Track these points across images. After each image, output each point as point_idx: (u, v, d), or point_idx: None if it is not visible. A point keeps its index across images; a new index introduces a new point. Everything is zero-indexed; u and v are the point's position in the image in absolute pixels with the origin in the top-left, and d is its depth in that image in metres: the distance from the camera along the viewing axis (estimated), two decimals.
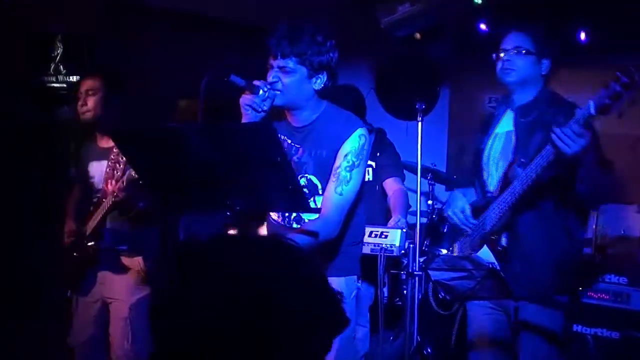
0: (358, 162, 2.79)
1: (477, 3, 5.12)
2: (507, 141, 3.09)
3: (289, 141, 2.94)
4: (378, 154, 4.48)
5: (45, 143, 5.19)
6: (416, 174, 4.02)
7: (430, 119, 6.45)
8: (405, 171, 5.25)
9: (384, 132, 4.68)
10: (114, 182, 3.42)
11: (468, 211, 3.15)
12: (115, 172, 3.44)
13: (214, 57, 5.57)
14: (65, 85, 5.04)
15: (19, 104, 5.24)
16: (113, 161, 3.52)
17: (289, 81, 2.78)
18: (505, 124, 3.16)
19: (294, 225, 2.94)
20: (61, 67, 5.05)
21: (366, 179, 4.43)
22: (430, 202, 5.56)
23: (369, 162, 4.43)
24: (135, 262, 3.67)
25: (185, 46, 5.33)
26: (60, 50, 5.05)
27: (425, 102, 4.03)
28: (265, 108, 2.76)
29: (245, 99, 2.76)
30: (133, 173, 3.29)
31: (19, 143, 5.25)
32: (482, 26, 6.11)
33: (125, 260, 3.66)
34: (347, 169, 2.77)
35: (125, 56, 5.04)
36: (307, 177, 2.90)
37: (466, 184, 3.38)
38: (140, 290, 3.65)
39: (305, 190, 2.82)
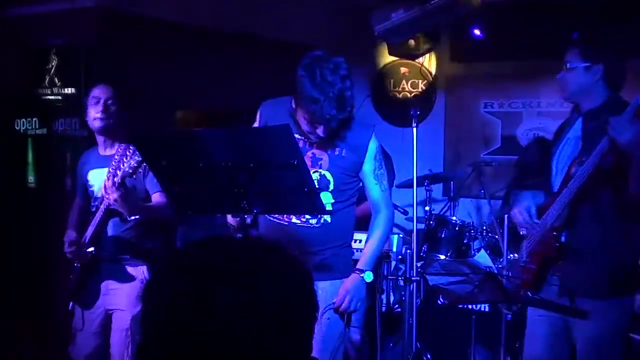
0: (381, 156, 3.13)
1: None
2: (575, 145, 3.17)
3: (304, 139, 3.03)
4: None
5: (43, 155, 5.19)
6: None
7: (426, 125, 6.50)
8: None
9: None
10: (109, 182, 3.40)
11: (533, 210, 3.20)
12: (114, 178, 3.42)
13: (209, 69, 5.59)
14: (60, 98, 5.04)
15: (14, 116, 5.25)
16: (114, 168, 3.50)
17: None
18: (577, 130, 3.23)
19: (293, 221, 3.00)
20: (56, 79, 5.06)
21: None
22: (427, 207, 5.57)
23: None
24: (139, 271, 3.66)
25: (181, 58, 5.34)
26: (55, 63, 5.06)
27: (421, 109, 4.05)
28: None
29: None
30: (128, 169, 3.31)
31: (16, 155, 5.26)
32: (477, 32, 6.13)
33: (130, 269, 3.65)
34: (379, 167, 3.10)
35: (121, 67, 5.05)
36: (320, 172, 3.00)
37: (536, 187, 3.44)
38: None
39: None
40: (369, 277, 2.99)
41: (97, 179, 3.66)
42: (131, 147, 3.49)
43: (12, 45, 5.17)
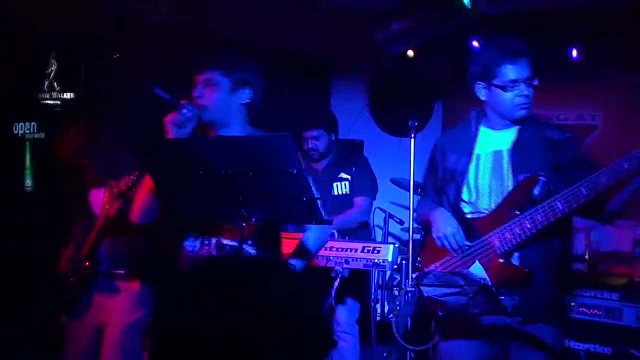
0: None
1: (467, 8, 5.12)
2: (496, 161, 3.05)
3: None
4: (354, 169, 4.59)
5: (41, 159, 5.20)
6: (408, 190, 4.04)
7: (423, 135, 6.50)
8: (397, 187, 5.28)
9: (361, 146, 4.76)
10: (107, 196, 3.44)
11: (461, 232, 3.05)
12: (114, 190, 3.45)
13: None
14: (59, 102, 5.05)
15: (13, 119, 5.25)
16: (111, 187, 3.54)
17: (213, 94, 2.90)
18: (486, 145, 3.11)
19: (214, 253, 2.79)
20: (55, 83, 5.07)
21: (343, 192, 4.58)
22: None
23: (346, 176, 4.59)
24: (132, 285, 3.67)
25: (180, 62, 5.35)
26: (54, 67, 5.07)
27: (419, 119, 4.06)
28: (190, 126, 2.84)
29: (169, 117, 2.85)
30: (123, 186, 3.33)
31: (14, 159, 5.26)
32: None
33: (123, 283, 3.66)
34: None
35: (121, 73, 5.06)
36: None
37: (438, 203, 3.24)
38: (135, 312, 3.63)
39: None
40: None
41: (97, 198, 3.70)
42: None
43: (12, 49, 5.18)
